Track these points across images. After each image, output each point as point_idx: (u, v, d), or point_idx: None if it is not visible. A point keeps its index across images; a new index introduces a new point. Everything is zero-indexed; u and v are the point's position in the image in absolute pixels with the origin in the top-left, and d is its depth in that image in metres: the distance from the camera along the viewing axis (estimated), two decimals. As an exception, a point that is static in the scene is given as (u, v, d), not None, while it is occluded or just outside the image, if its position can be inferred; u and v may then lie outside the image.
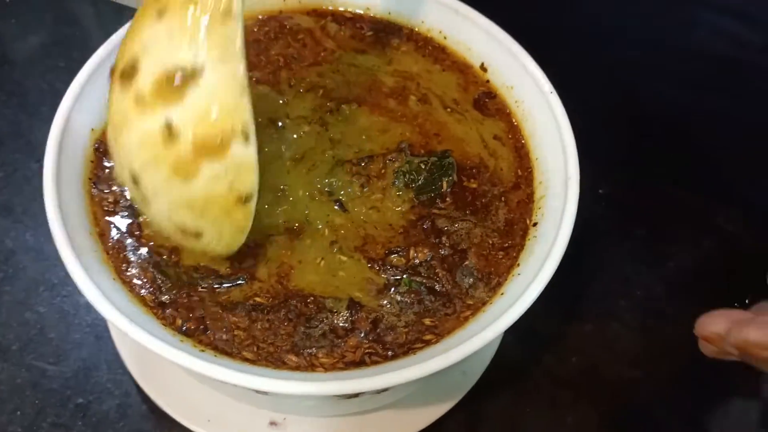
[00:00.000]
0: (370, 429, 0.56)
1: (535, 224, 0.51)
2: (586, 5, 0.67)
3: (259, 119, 0.51)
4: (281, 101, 0.56)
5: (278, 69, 0.59)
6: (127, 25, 0.45)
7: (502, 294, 0.48)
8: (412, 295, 0.48)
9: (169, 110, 0.42)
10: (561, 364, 0.62)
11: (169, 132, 0.43)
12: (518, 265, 0.49)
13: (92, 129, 0.53)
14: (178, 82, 0.42)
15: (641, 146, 0.74)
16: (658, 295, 0.66)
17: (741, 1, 0.58)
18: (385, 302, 0.48)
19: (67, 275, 0.44)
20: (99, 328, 0.61)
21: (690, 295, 0.67)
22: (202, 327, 0.46)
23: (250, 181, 0.44)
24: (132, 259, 0.49)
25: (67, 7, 0.83)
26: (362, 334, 0.46)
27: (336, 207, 0.52)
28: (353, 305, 0.47)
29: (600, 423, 0.60)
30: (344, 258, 0.49)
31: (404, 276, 0.49)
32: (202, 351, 0.44)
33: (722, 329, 0.43)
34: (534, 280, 0.46)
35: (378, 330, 0.47)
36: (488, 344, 0.44)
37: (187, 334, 0.46)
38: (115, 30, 0.83)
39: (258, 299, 0.47)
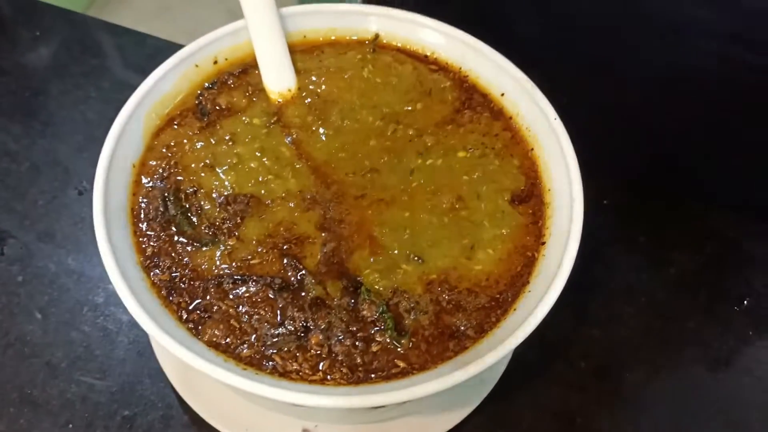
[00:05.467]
0: (394, 434, 0.61)
1: (543, 243, 0.55)
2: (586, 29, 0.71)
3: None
4: None
5: None
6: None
7: (514, 310, 0.52)
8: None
9: None
10: (571, 368, 0.66)
11: None
12: (529, 282, 0.54)
13: (133, 164, 0.58)
14: None
15: (643, 154, 0.77)
16: (661, 301, 0.70)
17: (742, 26, 0.61)
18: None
19: (108, 296, 0.48)
20: (141, 345, 0.66)
21: (692, 300, 0.71)
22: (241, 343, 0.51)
23: None
24: (172, 282, 0.53)
25: (92, 38, 0.88)
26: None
27: None
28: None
29: (610, 424, 0.64)
30: None
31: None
32: (245, 369, 0.49)
33: None
34: (543, 297, 0.50)
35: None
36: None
37: (227, 352, 0.50)
38: (138, 59, 0.87)
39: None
